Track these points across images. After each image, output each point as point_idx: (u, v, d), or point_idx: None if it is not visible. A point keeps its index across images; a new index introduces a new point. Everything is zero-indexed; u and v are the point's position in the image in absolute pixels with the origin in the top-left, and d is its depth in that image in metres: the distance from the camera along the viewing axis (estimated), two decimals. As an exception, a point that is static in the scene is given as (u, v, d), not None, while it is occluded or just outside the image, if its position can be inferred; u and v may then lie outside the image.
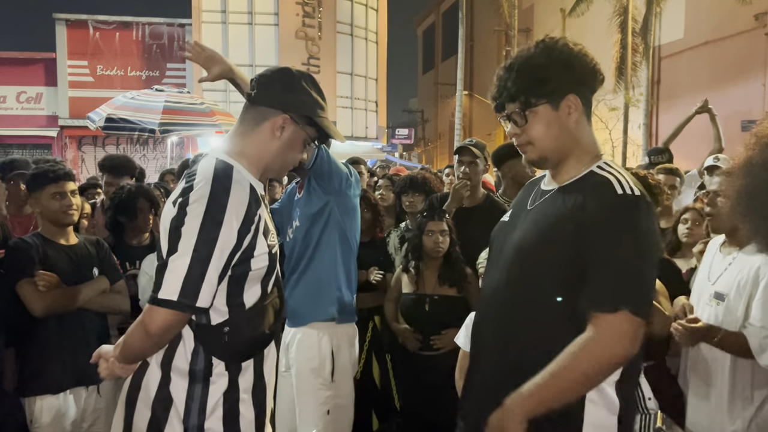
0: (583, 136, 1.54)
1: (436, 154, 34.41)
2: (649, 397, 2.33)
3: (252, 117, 1.64)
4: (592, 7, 17.55)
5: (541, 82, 1.49)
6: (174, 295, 1.43)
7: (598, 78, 1.55)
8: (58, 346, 2.48)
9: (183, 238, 1.44)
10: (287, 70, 1.67)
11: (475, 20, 29.45)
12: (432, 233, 3.04)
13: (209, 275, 1.45)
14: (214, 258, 1.45)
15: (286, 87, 1.63)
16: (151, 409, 1.54)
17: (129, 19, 19.50)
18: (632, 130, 16.98)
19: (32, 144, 18.83)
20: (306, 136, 1.66)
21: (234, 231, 1.48)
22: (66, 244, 2.60)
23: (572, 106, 1.50)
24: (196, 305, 1.44)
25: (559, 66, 1.49)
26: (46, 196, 2.53)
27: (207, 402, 1.54)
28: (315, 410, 2.57)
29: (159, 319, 1.44)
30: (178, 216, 1.47)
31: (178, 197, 1.50)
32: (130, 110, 6.36)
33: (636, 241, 1.38)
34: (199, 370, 1.54)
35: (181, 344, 1.55)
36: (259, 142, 1.62)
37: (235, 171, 1.55)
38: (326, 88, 15.99)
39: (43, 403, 2.45)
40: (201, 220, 1.44)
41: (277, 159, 1.65)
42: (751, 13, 13.79)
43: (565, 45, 1.52)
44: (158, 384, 1.55)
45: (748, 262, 2.18)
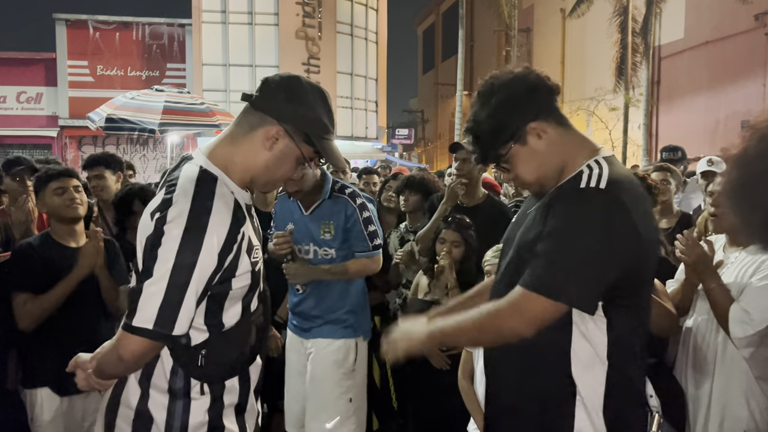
0: (568, 144, 1.52)
1: (436, 154, 34.40)
2: (651, 394, 2.33)
3: (248, 121, 1.50)
4: (592, 7, 17.57)
5: (496, 133, 1.51)
6: (149, 323, 1.33)
7: (545, 88, 1.52)
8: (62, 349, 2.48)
9: (159, 261, 1.33)
10: (297, 78, 1.53)
11: (475, 20, 29.45)
12: (443, 241, 3.00)
13: (187, 302, 1.34)
14: (192, 283, 1.34)
15: (290, 97, 1.48)
16: (131, 428, 1.47)
17: (129, 19, 19.49)
18: (632, 130, 16.99)
19: (32, 144, 18.82)
20: (300, 154, 1.51)
21: (215, 254, 1.36)
22: (75, 246, 2.59)
23: (539, 131, 1.50)
24: (173, 334, 1.35)
25: (503, 110, 1.50)
26: (49, 194, 2.55)
27: (189, 420, 1.47)
28: (338, 399, 2.68)
29: (132, 347, 1.36)
30: (154, 234, 1.35)
31: (155, 210, 1.38)
32: (130, 110, 6.37)
33: (577, 230, 1.38)
34: (178, 389, 1.46)
35: (159, 363, 1.46)
36: (249, 150, 1.49)
37: (218, 184, 1.43)
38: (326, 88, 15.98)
39: (44, 400, 2.45)
40: (179, 243, 1.33)
41: (264, 173, 1.51)
42: (751, 13, 13.79)
43: (499, 84, 1.52)
44: (137, 400, 1.47)
45: (750, 261, 2.19)
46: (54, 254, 2.52)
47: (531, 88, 1.51)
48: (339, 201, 2.70)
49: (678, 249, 2.25)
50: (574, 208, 1.41)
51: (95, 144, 19.02)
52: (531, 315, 1.40)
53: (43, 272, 2.46)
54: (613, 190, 1.39)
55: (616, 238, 1.37)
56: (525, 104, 1.50)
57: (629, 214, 1.38)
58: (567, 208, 1.42)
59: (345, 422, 2.69)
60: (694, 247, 2.20)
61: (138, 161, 18.06)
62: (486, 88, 1.53)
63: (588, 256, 1.37)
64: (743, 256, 2.25)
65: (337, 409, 2.67)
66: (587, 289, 1.39)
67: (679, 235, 2.26)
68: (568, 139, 1.53)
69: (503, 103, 1.50)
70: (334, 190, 2.72)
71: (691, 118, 15.66)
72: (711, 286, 2.18)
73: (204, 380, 1.48)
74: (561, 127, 1.53)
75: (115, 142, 18.44)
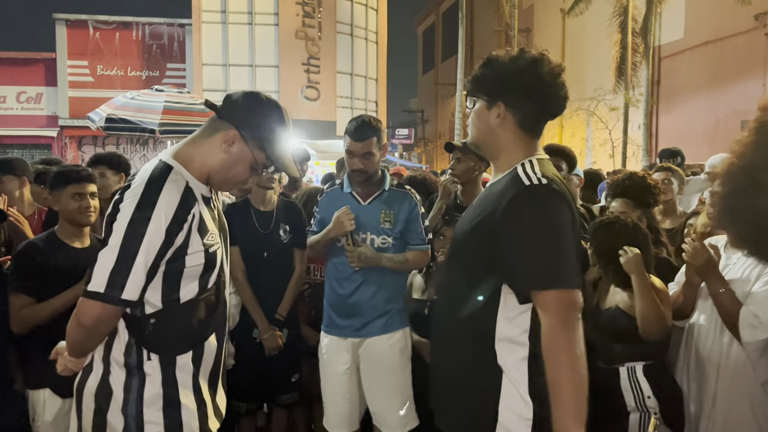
0: (512, 141, 1.68)
1: (436, 154, 34.39)
2: (648, 396, 2.33)
3: (210, 127, 1.70)
4: (591, 7, 17.55)
5: (479, 83, 1.71)
6: (101, 287, 1.50)
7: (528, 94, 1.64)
8: None
9: (113, 233, 1.52)
10: (256, 94, 1.74)
11: (475, 20, 29.44)
12: (444, 237, 3.03)
13: (136, 269, 1.51)
14: (141, 253, 1.50)
15: (247, 107, 1.69)
16: (94, 401, 1.62)
17: (129, 19, 19.48)
18: (632, 130, 16.98)
19: (32, 144, 18.82)
20: (252, 159, 1.69)
21: (162, 228, 1.52)
22: (79, 247, 2.61)
23: (501, 113, 1.66)
24: (122, 297, 1.51)
25: (495, 76, 1.67)
26: (66, 196, 2.57)
27: (144, 394, 1.60)
28: (405, 385, 2.82)
29: (89, 311, 1.52)
30: (111, 212, 1.55)
31: (116, 196, 1.58)
32: (130, 110, 6.35)
33: (550, 224, 1.53)
34: (133, 363, 1.61)
35: (117, 338, 1.61)
36: (208, 150, 1.67)
37: (173, 172, 1.60)
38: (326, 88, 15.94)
39: (46, 400, 2.45)
40: (130, 217, 1.51)
41: (220, 171, 1.69)
42: (751, 13, 13.78)
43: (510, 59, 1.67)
44: (100, 376, 1.62)
45: (753, 261, 2.18)
46: (58, 255, 2.53)
47: (521, 87, 1.64)
48: (400, 194, 2.87)
49: (686, 253, 2.25)
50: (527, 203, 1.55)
51: (95, 144, 19.02)
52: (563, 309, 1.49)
53: (45, 273, 2.46)
54: (551, 182, 1.57)
55: (566, 223, 1.54)
56: (508, 88, 1.65)
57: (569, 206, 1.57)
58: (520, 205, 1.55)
59: (411, 405, 2.83)
60: (702, 252, 2.20)
61: (138, 161, 18.05)
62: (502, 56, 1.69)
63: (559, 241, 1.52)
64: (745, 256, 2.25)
65: (407, 395, 2.82)
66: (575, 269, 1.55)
67: (688, 239, 2.27)
68: (519, 139, 1.68)
69: (500, 74, 1.66)
70: (393, 185, 2.90)
71: (691, 118, 15.65)
72: (718, 291, 2.18)
73: (154, 351, 1.61)
74: (521, 128, 1.68)
75: (115, 142, 18.44)
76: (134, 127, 6.24)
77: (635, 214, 2.82)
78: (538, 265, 1.52)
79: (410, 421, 2.81)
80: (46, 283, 2.45)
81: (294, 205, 3.40)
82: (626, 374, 2.36)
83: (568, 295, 1.50)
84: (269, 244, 3.18)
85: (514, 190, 1.57)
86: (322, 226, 2.89)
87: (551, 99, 1.66)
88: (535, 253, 1.52)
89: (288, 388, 3.30)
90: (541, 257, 1.52)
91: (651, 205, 2.97)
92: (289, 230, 3.25)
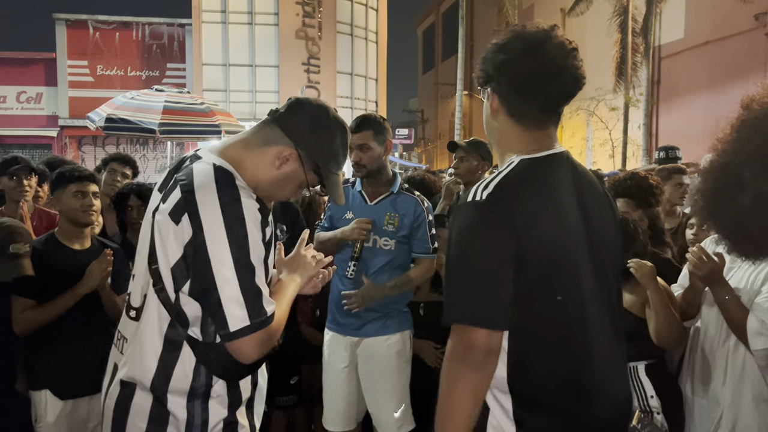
0: (505, 134, 1.50)
1: (436, 154, 34.39)
2: (652, 395, 2.33)
3: (265, 134, 1.53)
4: (592, 7, 17.57)
5: (480, 70, 1.51)
6: (245, 321, 1.34)
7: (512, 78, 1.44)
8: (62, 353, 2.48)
9: (214, 264, 1.33)
10: (326, 109, 1.57)
11: (475, 20, 29.44)
12: (439, 238, 3.03)
13: (261, 285, 1.38)
14: (256, 268, 1.36)
15: (314, 125, 1.52)
16: (147, 424, 1.45)
17: (129, 19, 19.48)
18: (632, 130, 16.99)
19: (32, 144, 18.81)
20: (305, 180, 1.56)
21: (258, 238, 1.39)
22: (79, 249, 2.59)
23: (493, 102, 1.49)
24: (269, 315, 1.37)
25: (486, 60, 1.49)
26: (68, 195, 2.54)
27: (209, 419, 1.47)
28: (402, 388, 2.81)
29: (245, 348, 1.37)
30: (195, 238, 1.35)
31: (177, 211, 1.38)
32: (130, 110, 6.35)
33: (464, 249, 1.34)
34: (199, 386, 1.45)
35: (178, 365, 1.44)
36: (259, 162, 1.51)
37: (237, 180, 1.43)
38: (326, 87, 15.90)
39: (48, 401, 2.45)
40: (226, 237, 1.34)
41: (267, 188, 1.53)
42: (751, 13, 13.79)
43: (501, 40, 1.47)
44: (152, 400, 1.45)
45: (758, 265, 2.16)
46: (58, 257, 2.52)
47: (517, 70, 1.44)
48: (408, 198, 2.83)
49: (689, 262, 2.22)
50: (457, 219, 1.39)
51: (95, 144, 19.01)
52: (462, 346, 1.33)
53: (46, 276, 2.45)
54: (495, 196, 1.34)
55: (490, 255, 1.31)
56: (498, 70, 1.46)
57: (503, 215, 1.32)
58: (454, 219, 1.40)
59: (407, 408, 2.82)
60: (706, 262, 2.18)
61: (138, 161, 18.00)
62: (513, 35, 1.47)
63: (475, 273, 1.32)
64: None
65: (403, 397, 2.80)
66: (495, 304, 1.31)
67: (692, 248, 2.23)
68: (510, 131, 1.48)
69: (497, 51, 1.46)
70: (402, 189, 2.85)
71: (691, 118, 15.64)
72: (724, 298, 2.14)
73: (222, 377, 1.47)
74: (512, 119, 1.47)
75: (115, 142, 18.43)
76: (134, 127, 6.25)
77: (636, 214, 2.81)
78: (450, 293, 1.36)
79: (405, 424, 2.80)
80: (47, 285, 2.44)
81: (291, 206, 3.40)
82: (628, 374, 2.35)
83: (472, 332, 1.29)
84: None
85: (458, 203, 1.43)
86: (331, 222, 2.91)
87: (542, 81, 1.42)
88: (452, 279, 1.36)
89: (287, 390, 3.30)
90: (454, 285, 1.35)
91: (653, 205, 2.97)
92: (285, 230, 3.24)
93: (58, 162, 4.13)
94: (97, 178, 2.72)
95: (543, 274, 1.35)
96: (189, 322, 1.43)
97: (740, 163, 1.08)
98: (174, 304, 1.42)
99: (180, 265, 1.38)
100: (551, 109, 1.48)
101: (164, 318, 1.44)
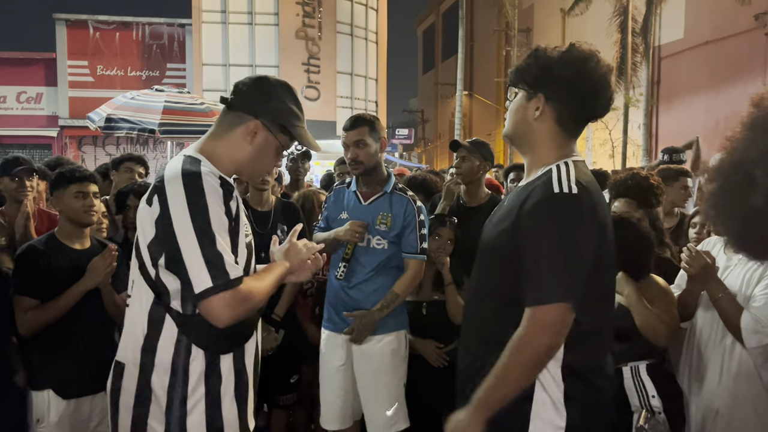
0: (548, 138, 1.63)
1: (436, 154, 34.40)
2: (653, 395, 2.33)
3: (227, 121, 1.67)
4: (591, 7, 17.54)
5: (522, 73, 1.65)
6: (207, 283, 1.44)
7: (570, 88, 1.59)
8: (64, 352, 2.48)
9: (179, 234, 1.46)
10: (265, 78, 1.71)
11: (475, 20, 29.44)
12: (439, 237, 3.02)
13: (222, 248, 1.47)
14: (216, 235, 1.47)
15: (261, 95, 1.66)
16: (134, 403, 1.57)
17: (129, 19, 19.49)
18: (632, 130, 16.98)
19: (32, 144, 18.82)
20: (278, 143, 1.69)
21: (222, 212, 1.50)
22: (79, 249, 2.58)
23: (540, 106, 1.61)
24: (231, 278, 1.46)
25: (539, 66, 1.62)
26: (68, 195, 2.54)
27: (187, 395, 1.56)
28: (396, 387, 2.81)
29: (214, 309, 1.46)
30: (162, 214, 1.49)
31: (150, 196, 1.53)
32: (130, 110, 6.34)
33: (558, 236, 1.46)
34: (180, 362, 1.56)
35: (162, 337, 1.56)
36: (232, 145, 1.65)
37: (202, 164, 1.57)
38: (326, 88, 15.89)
39: (51, 401, 2.45)
40: (188, 209, 1.46)
41: (249, 164, 1.68)
42: (751, 13, 13.78)
43: (558, 51, 1.62)
44: (137, 378, 1.57)
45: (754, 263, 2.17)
46: (59, 256, 2.51)
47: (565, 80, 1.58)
48: (401, 198, 2.84)
49: (683, 260, 2.24)
50: (551, 212, 1.49)
51: (95, 144, 19.03)
52: (553, 325, 1.45)
53: (47, 276, 2.45)
54: (584, 192, 1.50)
55: (588, 234, 1.48)
56: (551, 81, 1.59)
57: (597, 213, 1.50)
58: (543, 213, 1.49)
59: (400, 407, 2.82)
60: (697, 259, 2.19)
61: (138, 161, 18.02)
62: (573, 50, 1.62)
63: (576, 255, 1.46)
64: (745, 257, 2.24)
65: (396, 396, 2.80)
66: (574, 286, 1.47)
67: (685, 248, 2.25)
68: (555, 135, 1.63)
69: (545, 65, 1.60)
70: (396, 188, 2.86)
71: (691, 118, 15.64)
72: (718, 296, 2.16)
73: (203, 347, 1.57)
74: (558, 123, 1.62)
75: (115, 142, 18.44)
76: (134, 127, 6.23)
77: (637, 214, 2.81)
78: (544, 273, 1.46)
79: (398, 423, 2.79)
80: (49, 285, 2.44)
81: (292, 206, 3.40)
82: (629, 374, 2.35)
83: (557, 308, 1.44)
84: (267, 244, 3.18)
85: (540, 195, 1.51)
86: (327, 223, 2.92)
87: (594, 98, 1.61)
88: (547, 261, 1.46)
89: (287, 389, 3.30)
90: (550, 267, 1.46)
91: (653, 205, 2.97)
92: (287, 230, 3.24)
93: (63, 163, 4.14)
94: (96, 178, 2.71)
95: (600, 268, 1.52)
96: (170, 296, 1.55)
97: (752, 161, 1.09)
98: (155, 280, 1.55)
99: (154, 242, 1.53)
100: (588, 123, 1.67)
101: (149, 298, 1.58)
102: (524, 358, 1.46)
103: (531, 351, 1.46)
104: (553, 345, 1.47)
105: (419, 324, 3.02)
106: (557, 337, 1.46)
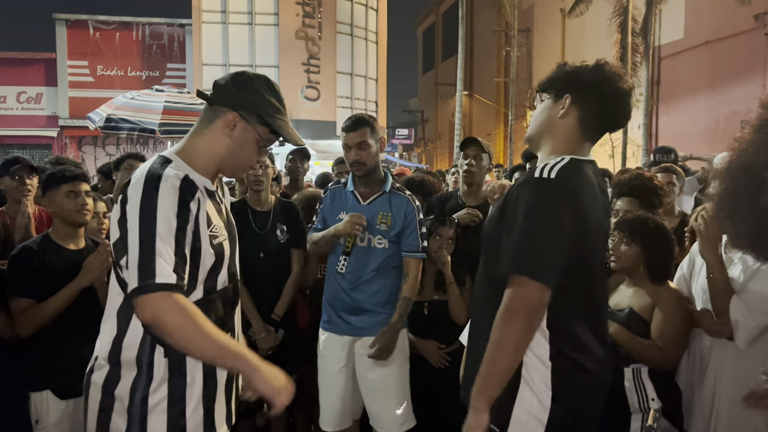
0: (564, 134, 1.72)
1: (436, 154, 34.43)
2: (653, 397, 2.33)
3: (207, 116, 1.68)
4: (592, 7, 17.56)
5: (551, 80, 1.77)
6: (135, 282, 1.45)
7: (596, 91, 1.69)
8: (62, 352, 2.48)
9: (130, 229, 1.49)
10: (242, 72, 1.73)
11: (475, 20, 29.46)
12: (440, 237, 3.02)
13: (159, 251, 1.46)
14: (158, 236, 1.46)
15: (238, 87, 1.66)
16: (100, 398, 1.59)
17: (129, 20, 19.50)
18: (632, 130, 16.99)
19: (32, 144, 18.83)
20: (258, 135, 1.67)
21: (172, 214, 1.50)
22: (73, 249, 2.57)
23: (565, 105, 1.71)
24: (156, 282, 1.44)
25: (569, 72, 1.74)
26: (60, 195, 2.53)
27: (149, 395, 1.56)
28: (403, 386, 2.83)
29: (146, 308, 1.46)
30: (120, 211, 1.53)
31: (120, 196, 1.57)
32: (130, 110, 6.35)
33: (535, 215, 1.56)
34: (144, 360, 1.56)
35: (128, 333, 1.58)
36: (210, 139, 1.65)
37: (171, 165, 1.57)
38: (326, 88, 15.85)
39: (50, 402, 2.45)
40: (139, 207, 1.48)
41: (230, 157, 1.67)
42: (751, 13, 13.79)
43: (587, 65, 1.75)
44: (106, 374, 1.59)
45: (751, 261, 2.18)
46: (54, 257, 2.50)
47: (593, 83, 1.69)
48: (400, 197, 2.85)
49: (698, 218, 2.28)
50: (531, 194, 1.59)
51: (95, 144, 19.03)
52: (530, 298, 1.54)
53: (42, 276, 2.44)
54: (561, 180, 1.59)
55: (566, 219, 1.56)
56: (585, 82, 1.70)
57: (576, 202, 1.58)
58: (524, 194, 1.60)
59: (408, 404, 2.83)
60: (712, 224, 2.22)
61: (138, 161, 18.04)
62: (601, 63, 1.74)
63: (552, 234, 1.55)
64: (744, 256, 2.24)
65: (404, 393, 2.82)
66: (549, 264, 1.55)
67: (700, 207, 2.29)
68: (572, 134, 1.72)
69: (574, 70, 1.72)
70: (394, 188, 2.87)
71: (691, 118, 15.65)
72: (710, 275, 2.21)
73: (163, 345, 1.56)
74: (578, 125, 1.72)
75: (115, 142, 18.44)
76: (134, 127, 6.24)
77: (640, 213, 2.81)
78: (516, 251, 1.56)
79: (407, 422, 2.80)
80: (44, 285, 2.44)
81: (291, 205, 3.40)
82: (631, 375, 2.35)
83: (530, 285, 1.52)
84: (266, 244, 3.18)
85: (522, 180, 1.64)
86: (324, 224, 2.91)
87: (618, 104, 1.71)
88: (518, 239, 1.56)
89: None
90: (521, 244, 1.56)
91: (655, 206, 2.97)
92: (286, 230, 3.24)
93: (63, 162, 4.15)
94: (88, 177, 2.69)
95: (580, 252, 1.60)
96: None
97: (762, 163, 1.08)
98: (122, 278, 1.55)
99: (118, 242, 1.54)
100: (606, 131, 1.76)
101: (119, 297, 1.59)
102: (511, 331, 1.53)
103: (514, 322, 1.53)
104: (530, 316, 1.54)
105: (421, 324, 3.01)
106: (530, 307, 1.53)
